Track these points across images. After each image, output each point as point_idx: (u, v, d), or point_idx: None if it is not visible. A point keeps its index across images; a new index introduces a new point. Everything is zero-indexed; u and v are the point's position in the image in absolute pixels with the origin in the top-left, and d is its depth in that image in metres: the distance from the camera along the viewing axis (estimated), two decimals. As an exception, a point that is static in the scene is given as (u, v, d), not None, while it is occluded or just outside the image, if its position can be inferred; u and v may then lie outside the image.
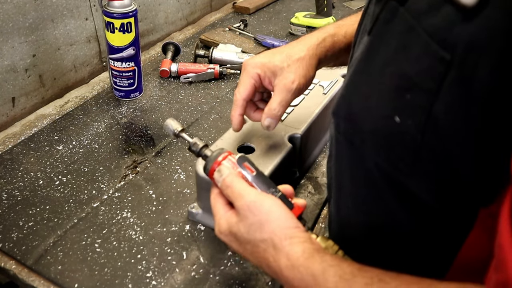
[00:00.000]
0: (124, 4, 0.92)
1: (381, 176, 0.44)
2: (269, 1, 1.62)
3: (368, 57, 0.43)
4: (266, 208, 0.49)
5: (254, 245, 0.49)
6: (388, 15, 0.40)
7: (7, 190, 0.76)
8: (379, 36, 0.41)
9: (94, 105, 1.01)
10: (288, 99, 0.64)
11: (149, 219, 0.72)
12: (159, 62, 1.18)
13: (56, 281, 0.62)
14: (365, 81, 0.43)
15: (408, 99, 0.38)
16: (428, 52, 0.36)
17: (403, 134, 0.39)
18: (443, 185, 0.39)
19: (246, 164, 0.55)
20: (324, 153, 0.90)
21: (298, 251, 0.46)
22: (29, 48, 0.96)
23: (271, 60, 0.64)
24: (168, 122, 0.61)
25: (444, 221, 0.42)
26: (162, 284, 0.62)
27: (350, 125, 0.47)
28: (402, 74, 0.38)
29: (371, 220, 0.49)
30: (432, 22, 0.35)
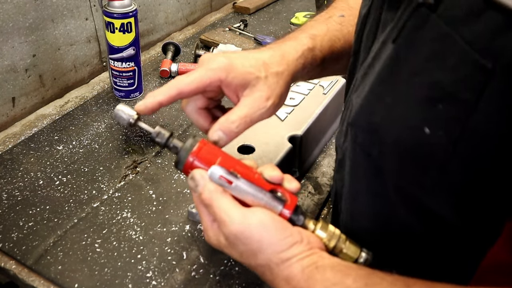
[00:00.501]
0: (124, 4, 0.92)
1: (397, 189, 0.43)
2: (269, 1, 1.62)
3: (393, 66, 0.40)
4: (256, 236, 0.45)
5: (250, 266, 0.48)
6: (417, 23, 0.37)
7: (7, 190, 0.76)
8: (407, 45, 0.39)
9: (94, 105, 1.01)
10: (255, 118, 0.52)
11: (149, 219, 0.72)
12: (159, 62, 1.18)
13: (56, 281, 0.62)
14: (389, 91, 0.41)
15: (440, 110, 0.36)
16: (466, 60, 0.34)
17: (432, 146, 0.37)
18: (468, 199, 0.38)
19: (223, 176, 0.47)
20: (324, 153, 0.90)
21: (297, 273, 0.44)
22: (29, 48, 0.96)
23: (243, 65, 0.51)
24: (118, 111, 0.50)
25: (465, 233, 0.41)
26: (162, 284, 0.62)
27: (369, 136, 0.44)
28: (434, 83, 0.36)
29: (387, 231, 0.47)
30: (472, 29, 0.33)
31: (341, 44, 0.61)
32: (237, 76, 0.51)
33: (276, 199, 0.48)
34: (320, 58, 0.59)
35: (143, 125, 0.50)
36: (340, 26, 0.63)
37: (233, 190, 0.47)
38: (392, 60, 0.40)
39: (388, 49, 0.41)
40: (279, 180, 0.49)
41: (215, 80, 0.51)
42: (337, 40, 0.61)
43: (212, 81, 0.51)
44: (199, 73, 0.51)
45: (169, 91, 0.51)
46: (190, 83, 0.50)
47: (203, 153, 0.48)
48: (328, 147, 0.92)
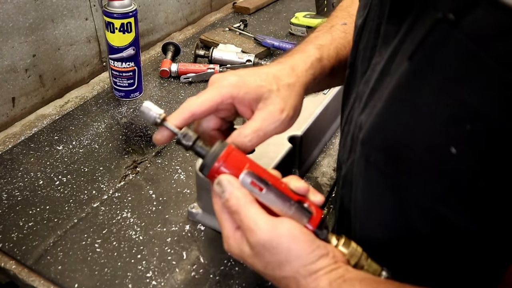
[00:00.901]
0: (124, 4, 0.92)
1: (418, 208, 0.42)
2: (269, 1, 1.62)
3: (410, 84, 0.39)
4: (285, 247, 0.44)
5: (274, 278, 0.46)
6: (437, 39, 0.36)
7: (7, 190, 0.76)
8: (427, 62, 0.37)
9: (94, 105, 1.01)
10: (268, 131, 0.50)
11: (149, 219, 0.72)
12: (159, 62, 1.18)
13: (56, 281, 0.62)
14: (407, 109, 0.39)
15: (468, 130, 0.35)
16: (497, 80, 0.33)
17: (459, 165, 0.36)
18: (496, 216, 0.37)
19: (254, 182, 0.46)
20: (324, 153, 0.90)
21: (324, 286, 0.43)
22: (29, 48, 0.96)
23: (255, 80, 0.51)
24: (145, 108, 0.48)
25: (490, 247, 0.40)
26: (162, 284, 0.62)
27: (385, 155, 0.43)
28: (461, 103, 0.35)
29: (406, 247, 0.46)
30: (503, 48, 0.32)
31: (347, 52, 0.61)
32: (249, 91, 0.50)
33: (303, 210, 0.47)
34: (329, 68, 0.59)
35: (169, 126, 0.48)
36: (344, 34, 0.63)
37: (262, 198, 0.46)
38: (408, 77, 0.39)
39: (403, 66, 0.40)
40: (305, 191, 0.48)
41: (227, 97, 0.50)
42: (343, 48, 0.61)
43: (224, 99, 0.50)
44: (210, 93, 0.50)
45: (182, 115, 0.50)
46: (201, 103, 0.50)
47: (230, 159, 0.47)
48: (328, 147, 0.92)
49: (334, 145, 0.92)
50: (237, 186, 0.46)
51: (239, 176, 0.46)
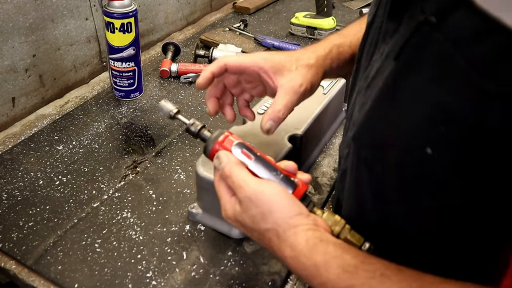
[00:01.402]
0: (124, 4, 0.92)
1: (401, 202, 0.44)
2: (269, 1, 1.62)
3: (396, 84, 0.40)
4: (267, 198, 0.48)
5: (259, 233, 0.50)
6: (420, 41, 0.37)
7: (7, 190, 0.76)
8: (410, 63, 0.39)
9: (94, 105, 1.01)
10: (294, 102, 0.60)
11: (149, 219, 0.72)
12: (159, 62, 1.18)
13: (56, 281, 0.62)
14: (393, 108, 0.41)
15: (443, 132, 0.36)
16: (470, 83, 0.33)
17: (434, 166, 0.38)
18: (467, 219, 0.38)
19: (244, 151, 0.54)
20: (324, 153, 0.90)
21: (301, 241, 0.46)
22: (29, 48, 0.96)
23: (280, 58, 0.61)
24: (162, 104, 0.58)
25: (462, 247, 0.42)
26: (162, 284, 0.62)
27: (372, 153, 0.45)
28: (436, 104, 0.36)
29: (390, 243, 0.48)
30: (477, 52, 0.32)
31: None
32: (273, 65, 0.60)
33: (288, 181, 0.52)
34: (350, 54, 0.65)
35: (181, 117, 0.58)
36: None
37: (251, 166, 0.53)
38: (394, 78, 0.40)
39: (390, 66, 0.41)
40: (294, 169, 0.54)
41: (255, 65, 0.61)
42: None
43: (252, 65, 0.61)
44: (244, 57, 0.62)
45: (219, 64, 0.61)
46: (235, 61, 0.61)
47: (227, 142, 0.55)
48: (328, 147, 0.92)
49: (334, 145, 0.92)
50: (231, 157, 0.53)
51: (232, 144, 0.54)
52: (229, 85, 0.65)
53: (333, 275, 0.43)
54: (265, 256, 0.67)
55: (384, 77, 0.42)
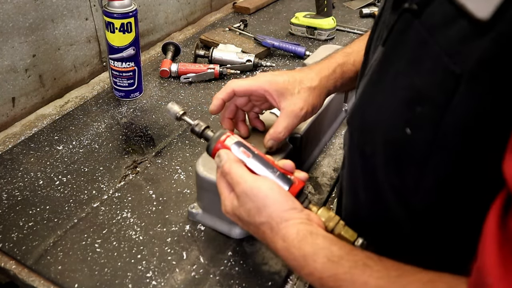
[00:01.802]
0: (124, 4, 0.92)
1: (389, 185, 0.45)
2: (269, 1, 1.62)
3: (381, 68, 0.43)
4: (263, 193, 0.51)
5: (255, 226, 0.53)
6: (402, 27, 0.40)
7: (7, 190, 0.76)
8: (393, 47, 0.41)
9: (94, 105, 1.01)
10: (294, 125, 0.65)
11: (149, 219, 0.72)
12: (159, 62, 1.18)
13: (56, 281, 0.62)
14: (378, 92, 0.44)
15: (418, 112, 0.38)
16: (439, 65, 0.36)
17: (413, 146, 0.40)
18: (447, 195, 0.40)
19: (243, 149, 0.57)
20: (324, 153, 0.90)
21: (292, 233, 0.49)
22: (29, 48, 0.96)
23: (284, 80, 0.65)
24: (169, 106, 0.63)
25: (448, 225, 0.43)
26: (162, 284, 0.62)
27: (363, 135, 0.47)
28: (413, 86, 0.38)
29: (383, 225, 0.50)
30: (446, 36, 0.35)
31: None
32: (277, 89, 0.64)
33: (284, 178, 0.55)
34: (353, 72, 0.68)
35: (187, 119, 0.62)
36: None
37: (249, 163, 0.56)
38: (380, 63, 0.43)
39: (379, 51, 0.44)
40: (291, 168, 0.57)
41: (261, 88, 0.65)
42: None
43: (258, 89, 0.65)
44: (250, 81, 0.66)
45: (227, 90, 0.65)
46: (242, 86, 0.65)
47: (228, 141, 0.58)
48: (328, 147, 0.92)
49: (334, 145, 0.92)
50: (230, 155, 0.56)
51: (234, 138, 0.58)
52: (240, 105, 0.69)
53: (319, 264, 0.46)
54: (265, 256, 0.67)
55: (374, 64, 0.45)
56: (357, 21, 1.52)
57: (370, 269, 0.43)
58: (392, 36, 0.41)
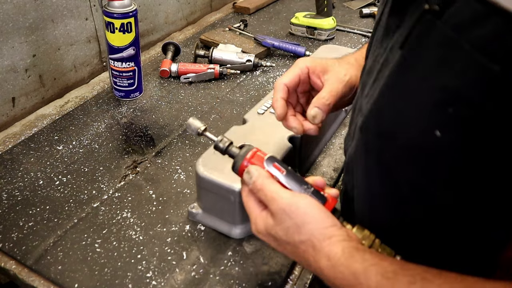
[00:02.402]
0: (124, 4, 0.92)
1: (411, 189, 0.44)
2: (269, 1, 1.62)
3: (402, 71, 0.42)
4: (302, 210, 0.49)
5: (293, 246, 0.49)
6: (423, 29, 0.39)
7: (7, 190, 0.76)
8: (414, 50, 0.40)
9: (94, 105, 1.01)
10: (339, 91, 0.61)
11: (149, 219, 0.72)
12: (159, 62, 1.18)
13: (56, 281, 0.62)
14: (399, 95, 0.42)
15: (450, 113, 0.37)
16: (473, 64, 0.35)
17: (444, 147, 0.39)
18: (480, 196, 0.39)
19: (276, 164, 0.54)
20: (324, 153, 0.90)
21: (338, 251, 0.46)
22: (29, 48, 0.96)
23: (322, 60, 0.65)
24: (190, 121, 0.59)
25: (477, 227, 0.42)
26: (162, 284, 0.62)
27: (380, 141, 0.46)
28: (443, 88, 0.37)
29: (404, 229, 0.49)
30: (478, 34, 0.34)
31: None
32: (318, 65, 0.64)
33: (318, 195, 0.53)
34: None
35: (209, 135, 0.58)
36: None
37: (283, 179, 0.53)
38: (400, 66, 0.42)
39: (396, 55, 0.42)
40: (322, 184, 0.54)
41: (304, 68, 0.64)
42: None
43: (302, 70, 0.63)
44: (291, 69, 0.64)
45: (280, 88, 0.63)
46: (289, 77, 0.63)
47: (255, 158, 0.55)
48: (328, 147, 0.92)
49: (334, 145, 0.92)
50: (262, 170, 0.53)
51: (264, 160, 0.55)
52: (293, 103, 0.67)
53: (373, 282, 0.42)
54: (265, 256, 0.67)
55: (389, 67, 0.44)
56: (357, 21, 1.52)
57: (432, 284, 0.40)
58: (413, 39, 0.40)
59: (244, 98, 1.06)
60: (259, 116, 0.80)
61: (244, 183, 0.55)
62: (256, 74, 1.16)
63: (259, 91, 1.09)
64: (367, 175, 0.51)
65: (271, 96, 0.85)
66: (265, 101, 0.85)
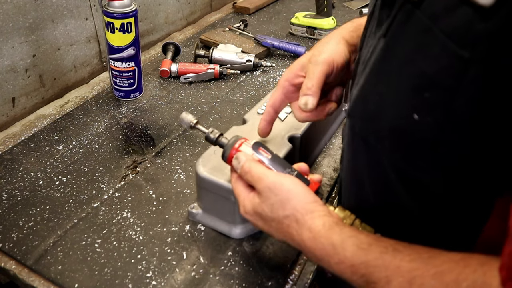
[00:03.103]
0: (124, 4, 0.92)
1: (396, 173, 0.46)
2: (269, 1, 1.62)
3: (384, 58, 0.44)
4: (286, 187, 0.53)
5: (278, 222, 0.53)
6: (403, 17, 0.41)
7: (7, 190, 0.76)
8: (395, 38, 0.43)
9: (94, 105, 1.01)
10: (316, 70, 0.61)
11: (149, 219, 0.72)
12: (159, 62, 1.18)
13: (56, 281, 0.62)
14: (381, 81, 0.45)
15: (427, 97, 0.39)
16: (446, 51, 0.37)
17: (422, 131, 0.41)
18: (458, 176, 0.41)
19: (262, 149, 0.59)
20: (324, 153, 0.90)
21: (319, 224, 0.49)
22: (29, 48, 0.96)
23: (298, 60, 0.66)
24: (183, 116, 0.64)
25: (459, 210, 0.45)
26: (162, 284, 0.62)
27: (365, 125, 0.48)
28: (420, 73, 0.39)
29: (390, 214, 0.51)
30: (449, 23, 0.36)
31: None
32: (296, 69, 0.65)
33: (302, 177, 0.57)
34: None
35: (201, 127, 0.64)
36: None
37: (268, 162, 0.58)
38: (383, 52, 0.44)
39: (381, 43, 0.45)
40: (306, 170, 0.59)
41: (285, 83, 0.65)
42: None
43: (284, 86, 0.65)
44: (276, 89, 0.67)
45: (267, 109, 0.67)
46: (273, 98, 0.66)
47: (243, 147, 0.60)
48: (328, 147, 0.92)
49: (334, 145, 0.92)
50: (249, 156, 0.58)
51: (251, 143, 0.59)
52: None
53: (349, 252, 0.46)
54: (265, 256, 0.67)
55: (375, 55, 0.46)
56: (357, 21, 1.52)
57: (401, 253, 0.43)
58: (393, 27, 0.43)
59: (244, 98, 1.06)
60: (259, 116, 0.80)
61: (233, 170, 0.59)
62: (256, 74, 1.16)
63: (259, 91, 1.09)
64: (355, 160, 0.54)
65: (271, 96, 0.85)
66: (265, 101, 0.85)
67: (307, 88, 0.62)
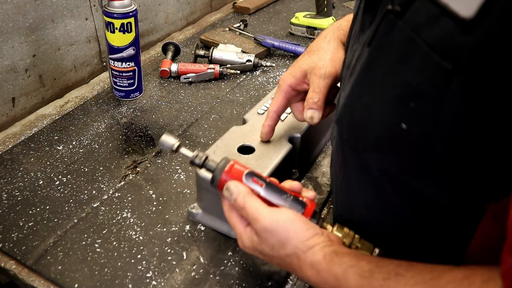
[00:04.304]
0: (124, 4, 0.92)
1: (385, 179, 0.46)
2: (269, 1, 1.62)
3: (369, 68, 0.44)
4: (284, 227, 0.51)
5: (280, 259, 0.53)
6: (386, 28, 0.41)
7: (7, 190, 0.76)
8: (379, 48, 0.42)
9: (94, 105, 1.01)
10: (321, 85, 0.65)
11: (149, 219, 0.72)
12: (159, 62, 1.18)
13: (56, 281, 0.62)
14: (366, 91, 0.45)
15: (412, 107, 0.39)
16: (430, 62, 0.37)
17: (410, 140, 0.40)
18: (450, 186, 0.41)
19: (255, 179, 0.55)
20: (324, 153, 0.90)
21: (319, 258, 0.49)
22: (29, 48, 0.96)
23: (299, 65, 0.68)
24: (163, 139, 0.57)
25: (450, 215, 0.45)
26: (162, 284, 0.62)
27: (353, 133, 0.48)
28: (404, 84, 0.39)
29: (381, 220, 0.51)
30: (432, 34, 0.36)
31: None
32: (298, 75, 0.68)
33: (298, 202, 0.55)
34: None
35: (184, 151, 0.58)
36: None
37: (263, 192, 0.55)
38: (367, 62, 0.44)
39: (365, 53, 0.45)
40: (299, 189, 0.58)
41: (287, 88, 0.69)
42: None
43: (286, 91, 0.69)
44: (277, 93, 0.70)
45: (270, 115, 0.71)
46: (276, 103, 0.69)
47: (233, 171, 0.56)
48: (328, 147, 0.92)
49: (334, 145, 0.93)
50: (241, 187, 0.55)
51: (242, 176, 0.56)
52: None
53: (352, 282, 0.46)
54: (265, 256, 0.67)
55: (360, 63, 0.46)
56: (357, 21, 1.52)
57: (404, 277, 0.43)
58: (377, 37, 0.42)
59: (244, 98, 1.06)
60: (259, 116, 0.80)
61: (224, 198, 0.56)
62: (256, 74, 1.16)
63: (259, 91, 1.09)
64: (345, 166, 0.54)
65: (271, 96, 0.85)
66: (265, 101, 0.85)
67: (314, 103, 0.65)
